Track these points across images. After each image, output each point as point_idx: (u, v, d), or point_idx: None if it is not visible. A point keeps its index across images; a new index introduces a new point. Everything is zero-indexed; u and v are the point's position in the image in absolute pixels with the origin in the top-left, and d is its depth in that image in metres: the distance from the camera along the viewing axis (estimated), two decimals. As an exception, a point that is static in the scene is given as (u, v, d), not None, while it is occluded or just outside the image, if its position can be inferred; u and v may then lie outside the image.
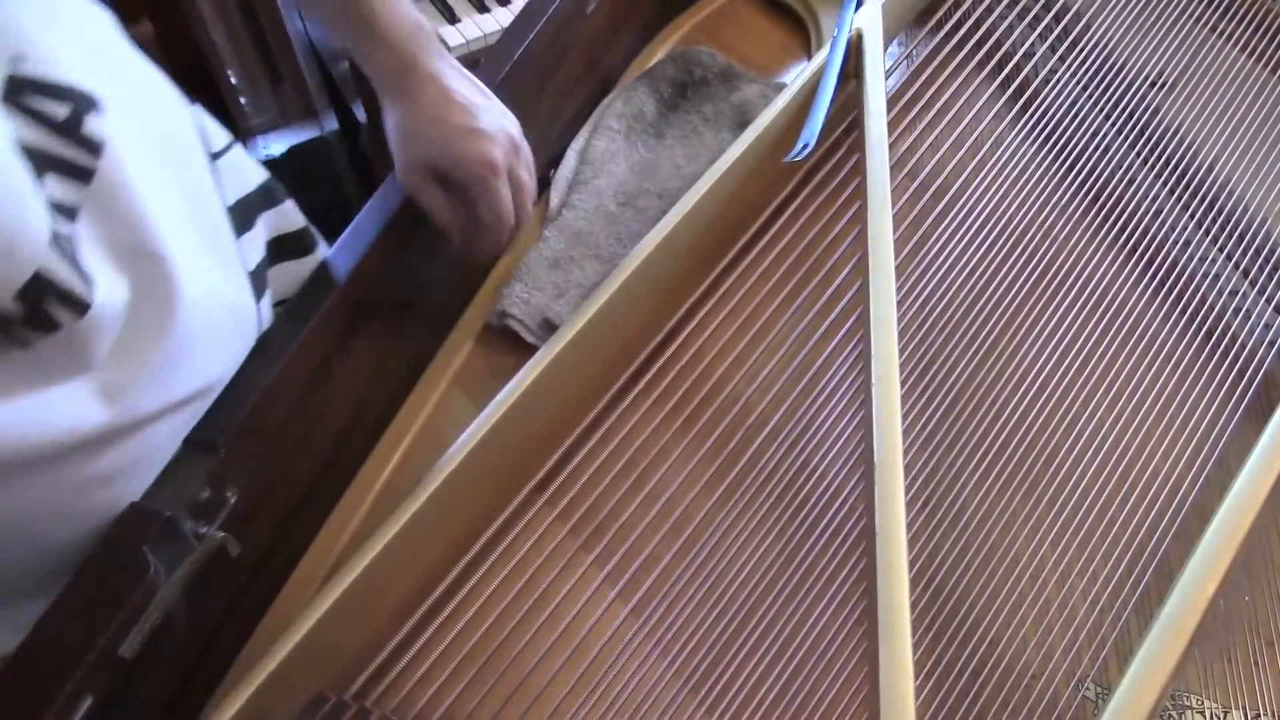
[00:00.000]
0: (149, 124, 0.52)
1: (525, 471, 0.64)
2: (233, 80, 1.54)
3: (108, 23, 0.53)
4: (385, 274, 0.64)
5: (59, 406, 0.46)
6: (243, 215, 0.61)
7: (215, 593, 0.55)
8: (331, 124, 1.63)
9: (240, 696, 0.51)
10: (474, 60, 0.72)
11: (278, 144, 1.62)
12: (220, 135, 0.61)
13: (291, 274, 0.66)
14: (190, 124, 0.58)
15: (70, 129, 0.45)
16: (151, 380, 0.50)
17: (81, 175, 0.46)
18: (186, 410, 0.54)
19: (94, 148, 0.46)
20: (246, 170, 0.64)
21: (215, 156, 0.60)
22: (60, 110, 0.45)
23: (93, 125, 0.46)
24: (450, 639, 0.57)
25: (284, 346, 0.57)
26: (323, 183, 1.66)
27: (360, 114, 1.39)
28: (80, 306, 0.45)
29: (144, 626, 0.47)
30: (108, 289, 0.46)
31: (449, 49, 1.33)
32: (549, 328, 0.71)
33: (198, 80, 1.45)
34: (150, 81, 0.56)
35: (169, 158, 0.54)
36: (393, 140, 0.63)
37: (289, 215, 0.66)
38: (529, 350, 0.68)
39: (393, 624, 0.57)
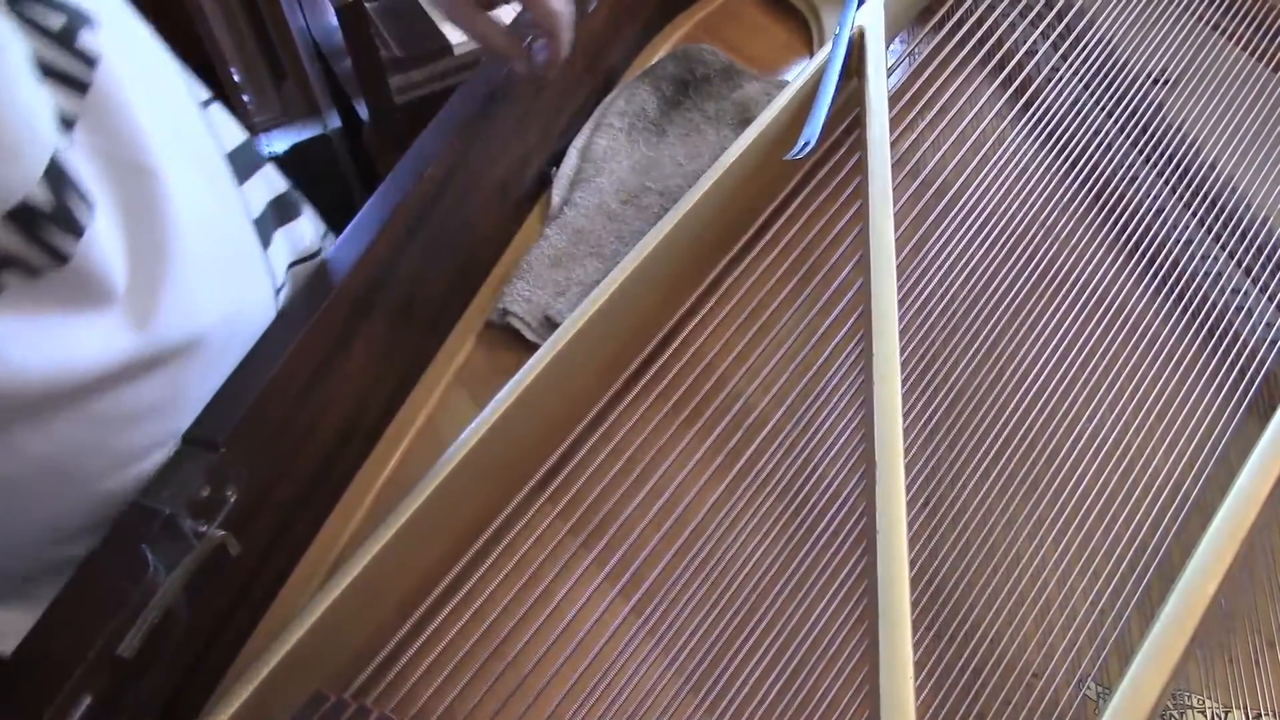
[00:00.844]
0: (140, 51, 0.53)
1: (526, 469, 0.64)
2: (235, 78, 1.54)
3: None
4: (386, 271, 0.64)
5: (87, 337, 0.47)
6: (240, 164, 0.62)
7: (215, 591, 0.55)
8: (334, 121, 1.63)
9: (240, 695, 0.51)
10: (476, 59, 0.72)
11: (280, 141, 1.63)
12: (201, 89, 0.62)
13: (296, 235, 0.67)
14: (176, 66, 0.59)
15: (66, 40, 0.46)
16: (172, 305, 0.50)
17: (78, 87, 0.46)
18: (211, 351, 0.54)
19: (89, 60, 0.47)
20: (230, 125, 0.64)
21: (203, 105, 0.61)
22: (55, 20, 0.45)
23: (87, 39, 0.47)
24: (450, 637, 0.57)
25: (285, 343, 0.57)
26: (326, 180, 1.67)
27: (363, 112, 1.39)
28: (88, 205, 0.45)
29: (143, 625, 0.47)
30: (103, 203, 0.47)
31: (453, 47, 1.33)
32: (550, 326, 0.71)
33: (200, 78, 1.45)
34: (137, 20, 0.56)
35: (160, 87, 0.54)
36: None
37: (276, 175, 0.67)
38: (530, 348, 0.68)
39: (393, 622, 0.57)
